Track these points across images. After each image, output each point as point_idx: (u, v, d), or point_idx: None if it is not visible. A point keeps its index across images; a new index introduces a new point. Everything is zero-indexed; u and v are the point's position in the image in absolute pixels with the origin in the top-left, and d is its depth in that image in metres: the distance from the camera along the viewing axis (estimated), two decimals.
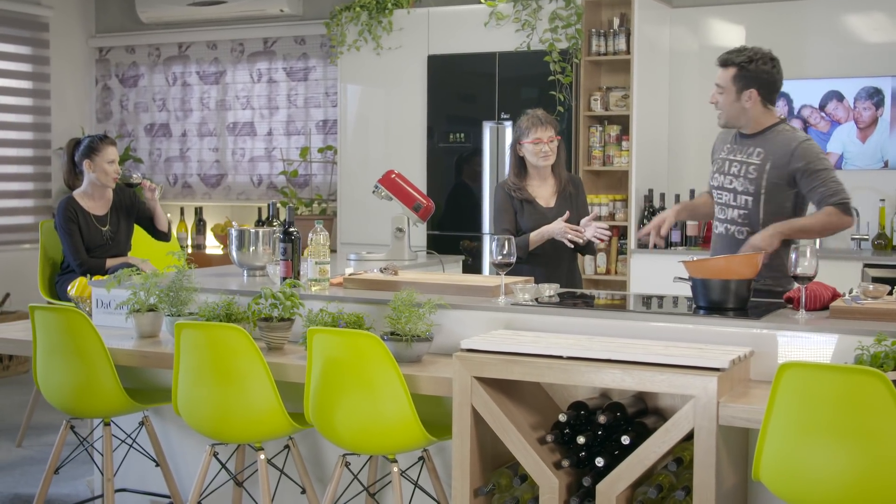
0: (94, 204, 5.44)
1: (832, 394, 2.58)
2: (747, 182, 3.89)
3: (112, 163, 5.39)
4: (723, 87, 3.91)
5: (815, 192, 3.80)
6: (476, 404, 3.14)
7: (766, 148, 3.88)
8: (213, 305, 3.70)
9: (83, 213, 5.36)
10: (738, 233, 3.93)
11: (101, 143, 5.38)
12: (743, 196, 3.91)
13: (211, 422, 3.46)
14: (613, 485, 2.97)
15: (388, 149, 6.95)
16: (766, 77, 3.90)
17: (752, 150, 3.92)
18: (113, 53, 8.71)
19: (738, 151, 3.97)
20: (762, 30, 6.31)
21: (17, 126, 8.18)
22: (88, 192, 5.43)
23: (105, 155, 5.37)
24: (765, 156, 3.87)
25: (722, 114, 3.96)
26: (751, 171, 3.89)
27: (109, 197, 5.50)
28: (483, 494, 3.20)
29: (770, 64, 3.91)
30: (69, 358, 3.72)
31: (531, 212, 4.60)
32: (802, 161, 3.79)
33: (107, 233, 5.42)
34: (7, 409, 6.25)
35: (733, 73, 3.89)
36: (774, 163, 3.84)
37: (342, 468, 3.40)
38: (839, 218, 3.79)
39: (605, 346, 3.09)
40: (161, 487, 4.11)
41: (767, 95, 3.91)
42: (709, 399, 2.83)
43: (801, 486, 2.66)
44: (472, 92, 6.64)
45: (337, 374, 3.24)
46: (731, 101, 3.90)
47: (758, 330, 3.16)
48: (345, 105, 7.11)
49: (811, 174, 3.79)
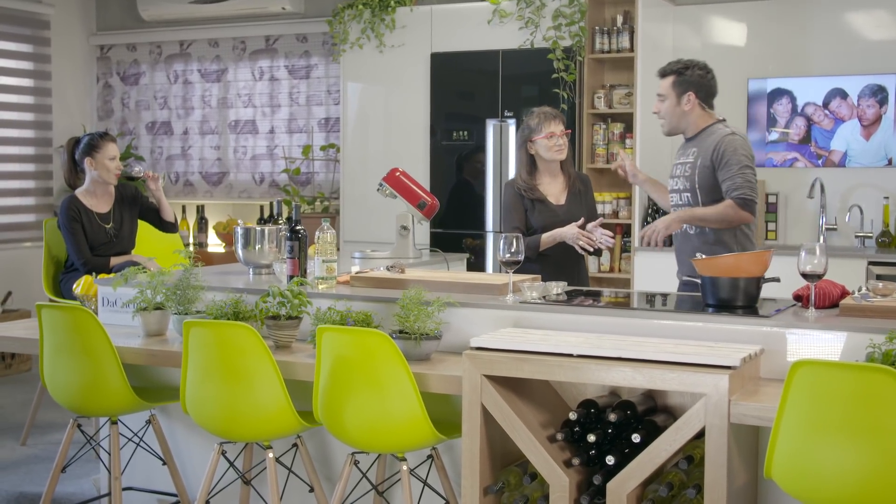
0: (97, 201, 5.43)
1: (845, 392, 2.58)
2: (685, 180, 4.20)
3: (113, 159, 5.38)
4: (664, 95, 4.22)
5: (724, 183, 4.08)
6: (486, 402, 3.13)
7: (699, 146, 4.18)
8: (220, 304, 3.69)
9: (86, 212, 5.36)
10: (689, 228, 4.21)
11: (101, 140, 5.37)
12: (684, 194, 4.21)
13: (219, 420, 3.45)
14: (624, 483, 2.97)
15: (391, 147, 6.94)
16: (702, 81, 4.21)
17: (690, 151, 4.23)
18: (114, 51, 8.70)
19: (680, 155, 4.29)
20: (765, 27, 6.31)
21: (18, 124, 8.17)
22: (91, 190, 5.42)
23: (106, 152, 5.36)
24: (697, 153, 4.18)
25: (665, 122, 4.27)
26: (687, 169, 4.20)
27: (112, 194, 5.50)
28: (492, 493, 3.20)
29: (704, 71, 4.28)
30: (76, 356, 3.72)
31: (542, 210, 4.59)
32: (720, 153, 4.09)
33: (110, 230, 5.41)
34: (10, 407, 6.24)
35: (672, 81, 4.20)
36: (703, 159, 4.13)
37: (351, 466, 3.39)
38: (735, 211, 4.05)
39: (615, 345, 3.09)
40: (168, 486, 4.10)
41: (705, 98, 4.22)
42: (720, 397, 2.82)
43: (814, 484, 2.65)
44: (476, 90, 6.64)
45: (346, 372, 3.24)
46: (673, 106, 4.21)
47: (767, 328, 3.15)
48: (347, 103, 7.11)
49: (725, 166, 4.07)
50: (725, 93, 6.29)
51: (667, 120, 4.25)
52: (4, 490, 4.61)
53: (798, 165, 6.27)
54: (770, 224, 6.30)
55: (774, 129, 6.32)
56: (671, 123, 4.25)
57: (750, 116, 6.36)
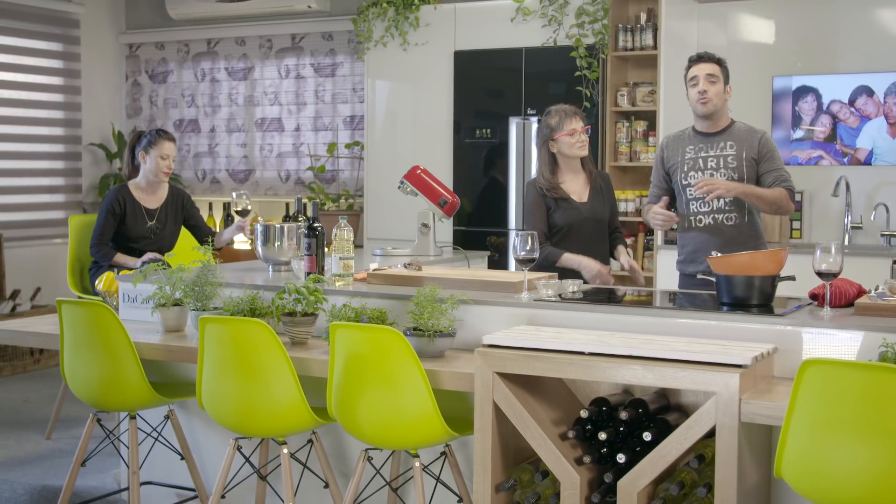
0: (147, 197, 5.45)
1: (854, 391, 2.56)
2: (730, 171, 4.31)
3: (165, 158, 5.37)
4: (717, 77, 4.34)
5: (769, 174, 4.28)
6: (497, 400, 3.14)
7: (736, 140, 4.34)
8: (237, 300, 3.72)
9: (132, 202, 5.38)
10: (727, 219, 4.32)
11: (157, 137, 5.38)
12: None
13: (234, 416, 3.48)
14: (635, 481, 2.97)
15: (415, 144, 6.96)
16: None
17: (724, 144, 4.35)
18: (143, 49, 8.77)
19: (707, 148, 4.38)
20: (790, 24, 6.26)
21: (48, 122, 8.27)
22: (142, 185, 5.44)
23: (159, 149, 5.37)
24: (738, 147, 4.33)
25: (711, 103, 4.33)
26: (730, 161, 4.32)
27: (163, 195, 5.51)
28: (504, 490, 3.20)
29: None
30: (95, 352, 3.76)
31: (566, 208, 4.59)
32: (766, 147, 4.32)
33: (152, 227, 5.42)
34: (37, 402, 6.31)
35: (720, 68, 4.36)
36: (748, 152, 4.31)
37: (364, 462, 3.41)
38: (787, 200, 4.27)
39: (626, 343, 3.08)
40: (186, 481, 4.14)
41: None
42: (731, 396, 2.81)
43: (824, 483, 2.64)
44: (499, 87, 6.64)
45: (359, 368, 3.25)
46: (721, 91, 4.34)
47: (781, 326, 3.14)
48: (371, 101, 7.13)
49: (769, 159, 4.30)
50: (751, 90, 6.32)
51: (713, 101, 4.33)
52: (28, 483, 4.67)
53: (823, 163, 6.22)
54: (795, 222, 6.26)
55: (800, 126, 6.27)
56: (716, 106, 4.34)
57: (775, 114, 6.32)
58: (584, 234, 4.58)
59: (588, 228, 4.59)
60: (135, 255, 5.31)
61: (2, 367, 7.12)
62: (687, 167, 4.38)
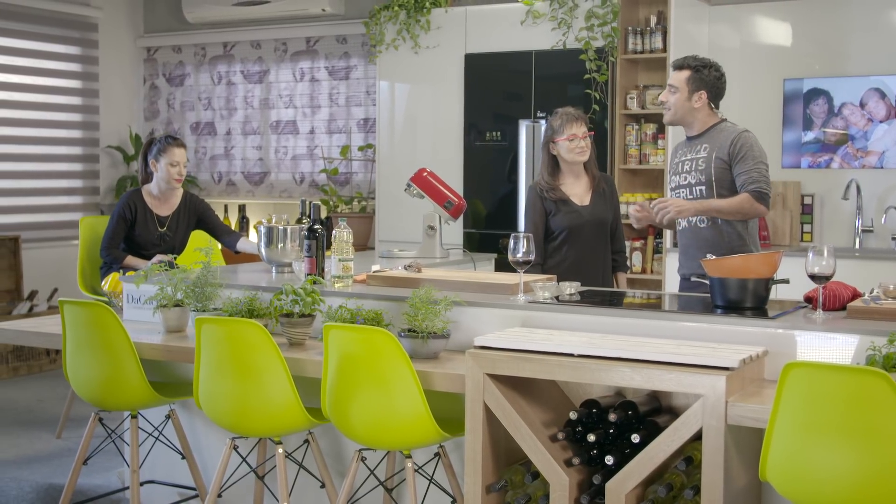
0: (159, 204, 5.45)
1: (837, 394, 2.56)
2: (699, 174, 4.24)
3: (174, 165, 5.37)
4: (676, 87, 4.27)
5: (739, 177, 4.15)
6: (488, 401, 3.15)
7: (711, 142, 4.25)
8: (235, 301, 3.76)
9: (144, 208, 5.41)
10: (700, 221, 4.24)
11: (166, 144, 5.36)
12: (697, 187, 4.24)
13: (230, 415, 3.51)
14: (623, 483, 2.97)
15: (426, 147, 6.98)
16: (716, 83, 4.29)
17: (699, 147, 4.27)
18: (160, 53, 8.85)
19: (687, 152, 4.33)
20: (802, 27, 6.25)
21: (66, 124, 8.36)
22: (155, 192, 5.45)
23: (168, 156, 5.37)
24: (710, 148, 4.23)
25: (670, 112, 4.31)
26: (700, 163, 4.25)
27: (175, 202, 5.50)
28: (495, 491, 3.22)
29: (718, 73, 4.31)
30: (97, 351, 3.81)
31: (566, 210, 4.60)
32: (737, 147, 4.16)
33: (162, 234, 5.42)
34: (51, 401, 6.39)
35: (687, 76, 4.26)
36: (718, 153, 4.20)
37: (358, 463, 3.43)
38: (752, 204, 4.11)
39: (616, 345, 3.09)
40: (188, 480, 4.17)
41: (714, 99, 4.30)
42: (717, 398, 2.82)
43: (808, 486, 2.64)
44: (509, 90, 6.65)
45: (352, 369, 3.28)
46: (683, 101, 4.26)
47: (773, 329, 3.14)
48: (383, 103, 7.16)
49: (741, 160, 4.15)
50: (761, 93, 6.31)
51: (672, 111, 4.30)
52: (35, 481, 4.73)
53: (834, 166, 6.20)
54: (805, 226, 6.23)
55: (811, 129, 6.25)
56: (676, 115, 4.30)
57: (786, 117, 6.30)
58: (584, 237, 4.59)
59: (589, 232, 4.60)
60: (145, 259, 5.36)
61: (18, 367, 7.21)
62: (672, 171, 4.41)
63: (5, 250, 7.69)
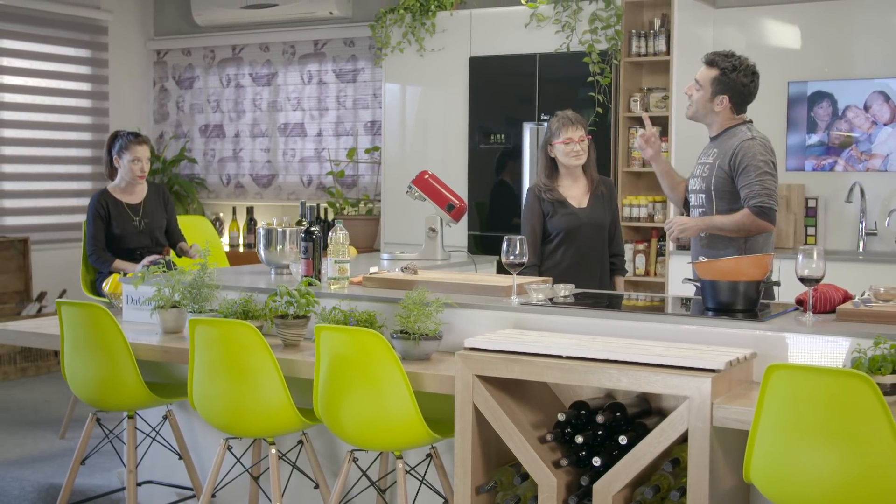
0: (128, 195, 5.63)
1: (820, 396, 2.56)
2: (701, 181, 4.13)
3: (135, 161, 5.52)
4: (701, 85, 4.10)
5: (742, 190, 3.99)
6: (477, 402, 3.17)
7: (720, 148, 4.09)
8: (231, 302, 3.79)
9: (115, 202, 5.53)
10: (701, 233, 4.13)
11: (129, 141, 5.55)
12: (700, 195, 4.15)
13: (224, 416, 3.54)
14: (610, 484, 2.98)
15: (431, 149, 7.00)
16: (742, 89, 4.08)
17: (711, 152, 4.14)
18: (170, 56, 8.90)
19: (703, 154, 4.20)
20: (806, 30, 6.24)
21: (76, 127, 8.42)
22: (121, 186, 5.61)
23: (130, 153, 5.52)
24: (716, 155, 4.08)
25: (691, 107, 4.16)
26: (705, 170, 4.12)
27: (144, 188, 5.69)
28: (484, 492, 3.23)
29: (749, 78, 4.10)
30: (94, 352, 3.84)
31: (563, 212, 4.61)
32: (738, 159, 3.99)
33: (140, 221, 5.55)
34: (57, 402, 6.43)
35: (714, 76, 4.06)
36: (721, 161, 4.05)
37: (350, 463, 3.46)
38: (752, 221, 3.96)
39: (605, 347, 3.10)
40: (187, 480, 4.20)
41: (738, 105, 4.10)
42: (703, 400, 2.82)
43: (791, 487, 2.64)
44: (513, 93, 6.66)
45: (343, 370, 3.30)
46: (704, 101, 4.10)
47: (761, 332, 3.14)
48: (389, 106, 7.18)
49: (743, 173, 3.98)
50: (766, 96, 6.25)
51: (693, 108, 4.14)
52: (37, 481, 4.77)
53: (838, 169, 6.19)
54: (810, 228, 6.22)
55: (815, 132, 6.23)
56: (696, 113, 4.15)
57: (790, 119, 6.29)
58: (581, 239, 4.60)
59: (586, 234, 4.61)
60: (132, 255, 5.42)
61: (26, 368, 7.26)
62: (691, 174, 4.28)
63: (15, 252, 7.75)
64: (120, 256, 5.43)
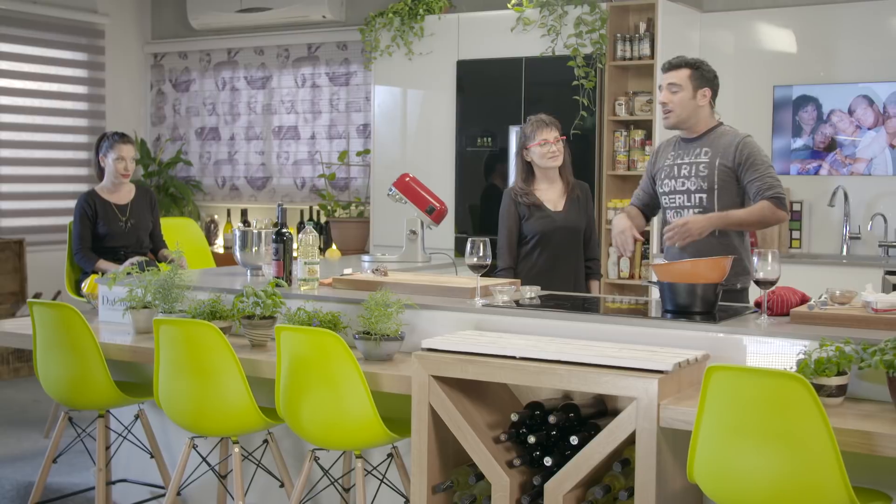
0: (115, 195, 5.66)
1: (758, 397, 2.59)
2: (700, 180, 4.10)
3: (121, 160, 5.56)
4: (679, 86, 4.11)
5: (752, 184, 4.01)
6: (433, 403, 3.20)
7: (713, 147, 4.11)
8: (199, 303, 3.83)
9: (102, 203, 5.57)
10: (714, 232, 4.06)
11: (114, 141, 5.60)
12: (697, 194, 4.11)
13: (188, 415, 3.58)
14: (561, 484, 3.01)
15: (419, 152, 7.03)
16: (715, 80, 4.19)
17: (699, 151, 4.13)
18: (167, 59, 8.96)
19: (684, 155, 4.18)
20: (792, 34, 6.25)
21: (73, 129, 8.49)
22: (108, 186, 5.65)
23: (114, 152, 5.57)
24: (712, 153, 4.10)
25: (673, 114, 4.15)
26: (701, 169, 4.10)
27: (131, 189, 5.73)
28: (440, 491, 3.26)
29: (713, 71, 4.20)
30: (65, 352, 3.89)
31: (539, 216, 4.64)
32: (744, 155, 4.03)
33: (126, 222, 5.60)
34: (46, 402, 6.44)
35: (689, 73, 4.12)
36: (722, 159, 4.07)
37: (311, 462, 3.49)
38: (773, 211, 3.98)
39: (559, 348, 3.13)
40: (160, 478, 4.24)
41: (714, 97, 4.18)
42: (650, 401, 2.85)
43: (731, 487, 2.67)
44: (500, 96, 6.69)
45: (303, 371, 3.33)
46: (688, 99, 4.11)
47: (714, 334, 3.17)
48: (378, 109, 7.22)
49: (751, 167, 4.01)
50: (752, 99, 6.32)
51: (676, 112, 4.11)
52: (17, 479, 4.82)
53: (823, 173, 6.20)
54: (794, 232, 6.23)
55: (800, 136, 6.25)
56: (680, 116, 4.12)
57: (776, 123, 6.31)
58: (556, 242, 4.62)
59: (561, 237, 4.63)
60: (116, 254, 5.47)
61: (19, 368, 7.32)
62: (664, 174, 4.21)
63: (10, 253, 7.82)
64: (103, 255, 5.48)
